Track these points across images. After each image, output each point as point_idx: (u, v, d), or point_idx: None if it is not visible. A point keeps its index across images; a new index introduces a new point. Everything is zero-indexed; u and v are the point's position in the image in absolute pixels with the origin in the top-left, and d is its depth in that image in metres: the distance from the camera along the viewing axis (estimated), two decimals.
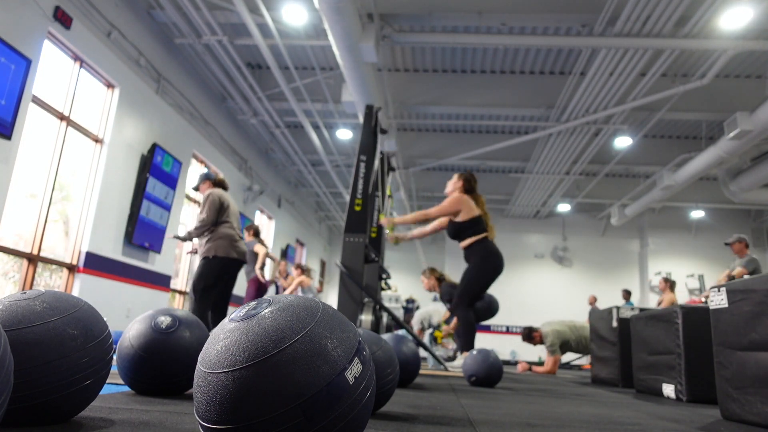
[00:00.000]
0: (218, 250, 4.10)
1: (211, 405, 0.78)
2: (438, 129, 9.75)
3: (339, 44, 5.51)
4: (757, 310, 1.90)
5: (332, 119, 8.92)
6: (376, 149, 4.74)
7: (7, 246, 4.80)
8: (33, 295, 1.09)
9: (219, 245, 4.11)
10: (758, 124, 6.67)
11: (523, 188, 11.74)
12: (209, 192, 4.24)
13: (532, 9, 6.11)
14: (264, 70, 8.02)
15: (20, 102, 4.54)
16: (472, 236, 4.20)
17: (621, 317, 4.12)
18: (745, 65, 7.23)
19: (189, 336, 1.67)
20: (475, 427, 1.45)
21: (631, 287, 13.50)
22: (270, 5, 5.99)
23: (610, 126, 8.18)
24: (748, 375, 1.91)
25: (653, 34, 5.87)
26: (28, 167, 5.08)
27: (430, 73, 7.95)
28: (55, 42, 5.13)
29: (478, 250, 4.17)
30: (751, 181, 9.22)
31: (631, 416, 1.99)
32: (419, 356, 2.50)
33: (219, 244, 4.12)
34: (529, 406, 2.14)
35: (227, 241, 4.15)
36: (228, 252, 4.12)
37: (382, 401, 1.54)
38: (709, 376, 2.29)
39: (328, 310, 0.89)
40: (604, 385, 4.17)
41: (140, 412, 1.30)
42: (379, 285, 5.23)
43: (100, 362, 1.12)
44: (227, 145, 9.03)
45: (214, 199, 4.17)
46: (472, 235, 4.20)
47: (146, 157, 6.54)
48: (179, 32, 6.69)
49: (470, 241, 4.21)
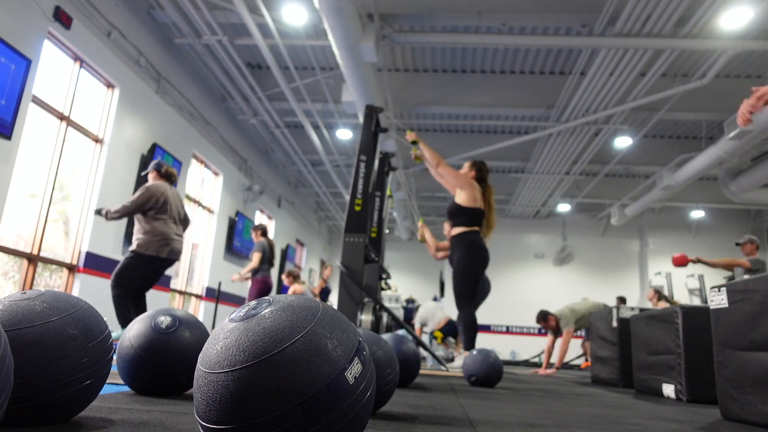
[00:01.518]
0: (149, 248, 4.03)
1: (211, 405, 0.78)
2: (438, 129, 9.75)
3: (339, 44, 5.51)
4: (757, 310, 1.90)
5: (332, 119, 8.93)
6: (376, 149, 4.74)
7: (7, 246, 4.80)
8: (33, 295, 1.09)
9: (150, 242, 4.04)
10: (758, 124, 6.66)
11: (523, 188, 11.74)
12: (150, 184, 4.14)
13: (532, 9, 6.11)
14: (264, 70, 8.02)
15: (20, 102, 4.55)
16: (464, 225, 4.18)
17: (621, 317, 4.13)
18: (745, 65, 7.23)
19: (189, 336, 1.67)
20: (475, 427, 1.45)
21: (631, 287, 13.52)
22: (270, 5, 5.99)
23: (610, 126, 8.18)
24: (748, 375, 1.91)
25: (653, 34, 5.87)
26: (28, 167, 5.08)
27: (430, 73, 7.95)
28: (55, 42, 5.13)
29: (464, 242, 4.15)
30: (751, 181, 9.21)
31: (631, 416, 1.99)
32: (419, 356, 2.50)
33: (150, 241, 4.04)
34: (529, 406, 2.14)
35: (160, 238, 4.07)
36: (159, 251, 4.05)
37: (382, 401, 1.54)
38: (709, 376, 2.29)
39: (328, 310, 0.89)
40: (604, 385, 4.17)
41: (140, 412, 1.30)
42: (379, 285, 5.23)
43: (100, 362, 1.12)
44: (227, 145, 9.03)
45: (147, 193, 4.07)
46: (464, 225, 4.18)
47: (146, 157, 6.54)
48: (179, 32, 6.69)
49: (460, 230, 4.19)
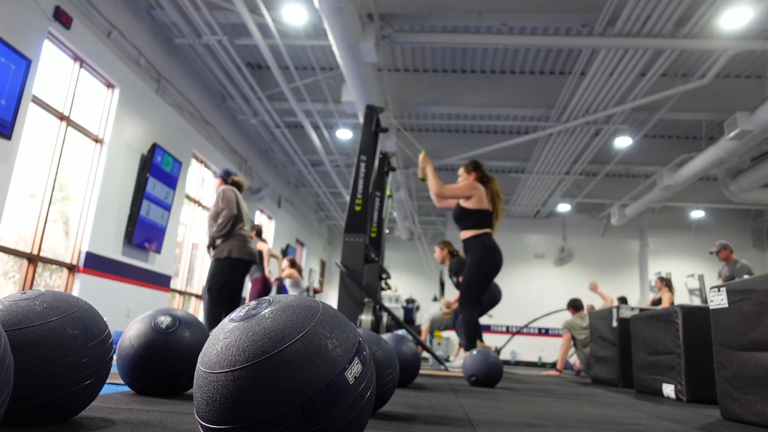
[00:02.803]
0: (231, 251, 4.10)
1: (211, 405, 0.78)
2: (438, 129, 9.75)
3: (339, 44, 5.51)
4: (757, 310, 1.90)
5: (332, 119, 8.93)
6: (376, 149, 4.74)
7: (7, 246, 4.80)
8: (33, 295, 1.09)
9: (232, 246, 4.11)
10: (758, 124, 6.66)
11: (523, 188, 11.74)
12: (223, 188, 4.23)
13: (532, 9, 6.11)
14: (264, 70, 8.02)
15: (20, 102, 4.54)
16: (473, 228, 4.15)
17: (621, 317, 4.13)
18: (745, 65, 7.23)
19: (189, 336, 1.67)
20: (475, 427, 1.45)
21: (631, 287, 13.51)
22: (270, 5, 5.99)
23: (610, 126, 8.18)
24: (748, 375, 1.91)
25: (653, 34, 5.87)
26: (28, 167, 5.08)
27: (430, 73, 7.95)
28: (55, 42, 5.13)
29: (477, 245, 4.13)
30: (751, 181, 9.21)
31: (631, 416, 1.99)
32: (419, 356, 2.50)
33: (231, 244, 4.12)
34: (529, 406, 2.14)
35: (239, 241, 4.15)
36: (240, 253, 4.13)
37: (382, 401, 1.54)
38: (709, 376, 2.29)
39: (328, 310, 0.89)
40: (604, 385, 4.17)
41: (140, 412, 1.30)
42: (379, 285, 5.23)
43: (100, 362, 1.12)
44: (227, 145, 9.03)
45: (230, 195, 4.16)
46: (474, 227, 4.15)
47: (146, 157, 6.54)
48: (179, 32, 6.69)
49: (470, 233, 4.16)
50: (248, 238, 4.25)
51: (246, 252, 4.18)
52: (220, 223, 4.14)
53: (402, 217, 13.02)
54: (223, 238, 4.16)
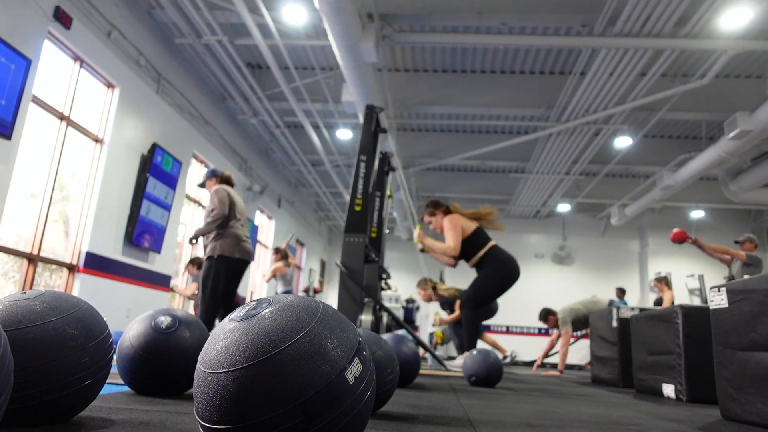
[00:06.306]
0: (223, 250, 4.10)
1: (211, 405, 0.78)
2: (438, 129, 9.75)
3: (339, 44, 5.51)
4: (757, 310, 1.90)
5: (332, 119, 8.92)
6: (376, 149, 4.74)
7: (7, 246, 4.80)
8: (33, 295, 1.09)
9: (224, 244, 4.11)
10: (758, 124, 6.66)
11: (523, 188, 11.74)
12: (216, 187, 4.23)
13: (532, 9, 6.11)
14: (264, 70, 8.02)
15: (20, 102, 4.54)
16: (477, 251, 4.24)
17: (621, 317, 4.13)
18: (745, 65, 7.23)
19: (189, 336, 1.67)
20: (475, 427, 1.45)
21: (631, 287, 13.49)
22: (270, 5, 5.99)
23: (610, 126, 8.18)
24: (748, 375, 1.91)
25: (653, 34, 5.87)
26: (28, 167, 5.08)
27: (430, 73, 7.95)
28: (55, 42, 5.13)
29: (490, 259, 4.21)
30: (751, 181, 9.21)
31: (631, 416, 1.99)
32: (419, 356, 2.50)
33: (224, 243, 4.11)
34: (529, 406, 2.14)
35: (233, 240, 4.14)
36: (232, 252, 4.11)
37: (382, 401, 1.54)
38: (709, 376, 2.29)
39: (328, 310, 0.89)
40: (604, 385, 4.17)
41: (140, 412, 1.30)
42: (379, 285, 5.23)
43: (100, 362, 1.12)
44: (227, 145, 9.03)
45: (222, 194, 4.16)
46: (477, 250, 4.24)
47: (146, 157, 6.54)
48: (179, 32, 6.69)
49: (478, 256, 4.24)
50: (242, 237, 4.21)
51: (238, 250, 4.15)
52: (208, 222, 4.12)
53: (402, 217, 13.02)
54: (215, 237, 4.15)
